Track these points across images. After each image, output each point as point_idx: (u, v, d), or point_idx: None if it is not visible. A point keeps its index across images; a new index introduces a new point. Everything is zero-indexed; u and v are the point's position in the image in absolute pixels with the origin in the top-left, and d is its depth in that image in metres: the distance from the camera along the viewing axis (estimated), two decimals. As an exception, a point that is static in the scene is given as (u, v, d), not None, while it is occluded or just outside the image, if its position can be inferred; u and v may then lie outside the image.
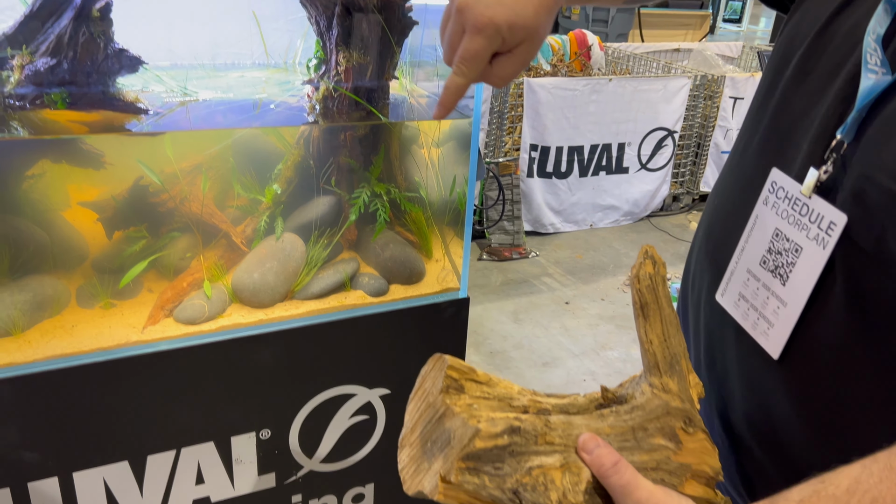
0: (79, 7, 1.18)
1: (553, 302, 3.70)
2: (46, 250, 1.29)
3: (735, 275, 0.81)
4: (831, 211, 0.68)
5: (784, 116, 0.79)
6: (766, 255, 0.77)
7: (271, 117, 1.37)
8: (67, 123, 1.24)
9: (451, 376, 0.65)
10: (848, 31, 0.73)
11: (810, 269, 0.71)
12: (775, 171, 0.77)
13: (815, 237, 0.70)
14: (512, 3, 0.76)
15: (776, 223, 0.76)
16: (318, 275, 1.45)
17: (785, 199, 0.75)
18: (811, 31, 0.78)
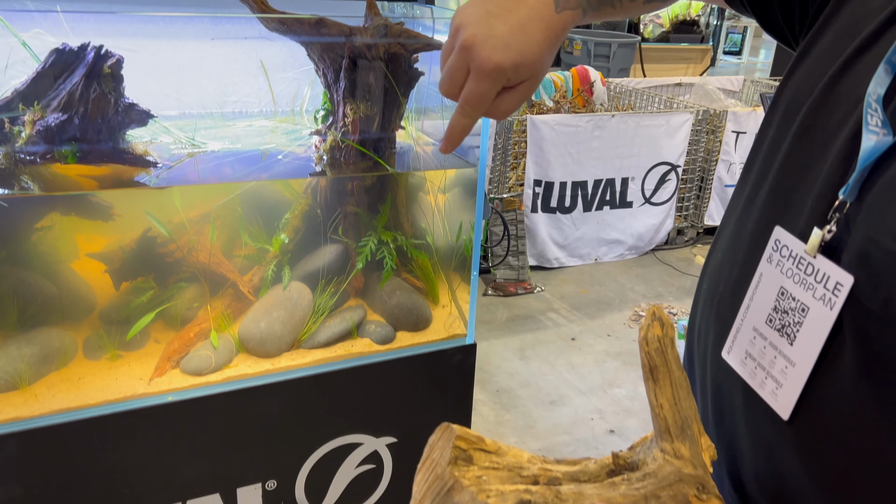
0: (90, 64, 1.19)
1: (559, 338, 3.68)
2: (54, 302, 1.29)
3: (741, 332, 0.81)
4: (837, 271, 0.68)
5: (786, 173, 0.80)
6: (772, 314, 0.77)
7: (279, 168, 1.39)
8: (77, 177, 1.25)
9: (459, 447, 0.64)
10: (850, 89, 0.74)
11: (818, 329, 0.70)
12: (778, 230, 0.77)
13: (821, 297, 0.70)
14: (517, 45, 0.75)
15: (781, 282, 0.76)
16: (325, 323, 1.45)
17: (789, 257, 0.75)
18: (815, 87, 0.78)
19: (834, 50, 0.77)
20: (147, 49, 1.39)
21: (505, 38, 0.75)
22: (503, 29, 0.75)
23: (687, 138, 4.47)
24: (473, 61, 0.75)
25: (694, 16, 6.54)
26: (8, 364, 1.23)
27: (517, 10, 0.76)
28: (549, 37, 0.78)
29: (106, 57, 1.20)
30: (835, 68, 0.76)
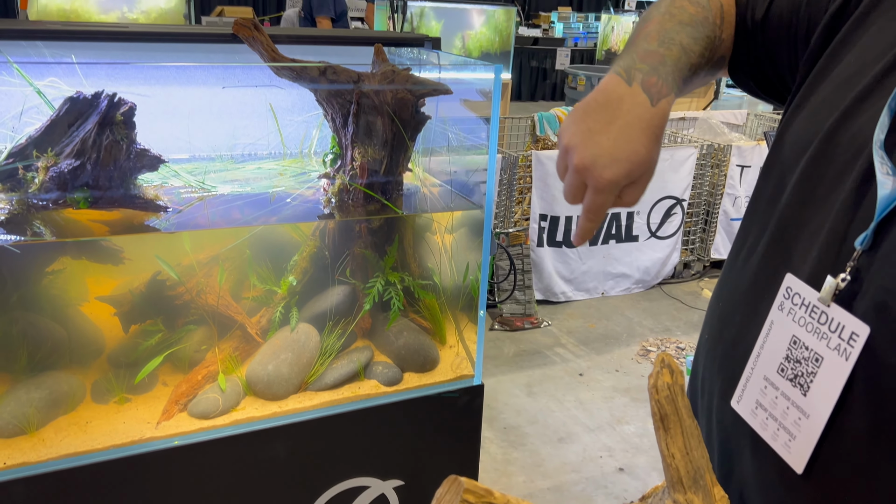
0: (103, 112, 1.22)
1: (567, 373, 3.65)
2: (63, 346, 1.30)
3: (751, 381, 0.80)
4: (853, 321, 0.67)
5: (789, 223, 0.80)
6: (783, 363, 0.76)
7: (288, 211, 1.40)
8: (88, 223, 1.27)
9: (468, 500, 0.64)
10: (851, 138, 0.74)
11: (833, 380, 0.69)
12: (790, 277, 0.76)
13: (836, 347, 0.69)
14: (625, 156, 0.77)
15: (793, 330, 0.75)
16: (332, 365, 1.45)
17: (801, 306, 0.74)
18: (815, 137, 0.79)
19: (831, 101, 0.78)
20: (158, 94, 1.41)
21: (612, 153, 0.78)
22: (608, 143, 0.78)
23: (692, 172, 4.49)
24: (589, 180, 0.78)
25: (696, 51, 6.62)
26: (17, 408, 1.23)
27: (616, 120, 0.79)
28: (651, 134, 0.80)
29: (119, 105, 1.23)
30: (833, 119, 0.77)
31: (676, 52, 0.86)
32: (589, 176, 0.78)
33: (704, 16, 0.91)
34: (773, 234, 0.82)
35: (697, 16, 0.91)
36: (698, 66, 0.88)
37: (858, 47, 0.77)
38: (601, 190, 0.78)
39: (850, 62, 0.77)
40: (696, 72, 0.88)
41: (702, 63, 0.88)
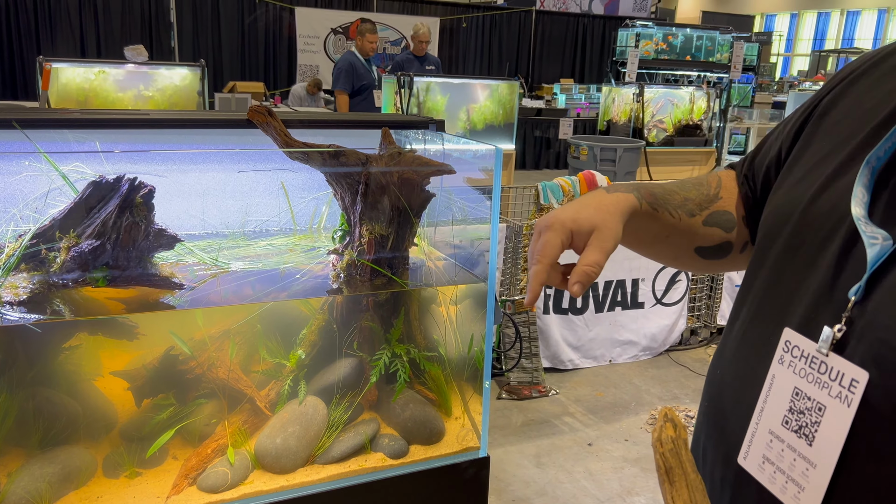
0: (124, 195, 1.29)
1: (575, 443, 3.62)
2: (77, 421, 1.33)
3: (756, 437, 0.82)
4: (852, 368, 0.70)
5: (780, 285, 0.84)
6: (787, 416, 0.78)
7: (297, 287, 1.45)
8: (105, 300, 1.32)
9: None
10: (831, 209, 0.79)
11: (837, 427, 0.71)
12: (788, 331, 0.79)
13: (837, 395, 0.72)
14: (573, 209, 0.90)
15: (795, 382, 0.78)
16: (339, 437, 1.47)
17: (801, 357, 0.77)
18: (796, 209, 0.84)
19: (808, 179, 0.84)
20: (176, 174, 1.49)
21: (565, 209, 0.90)
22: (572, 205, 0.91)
23: (695, 239, 4.55)
24: (541, 226, 0.90)
25: (696, 120, 6.78)
26: (30, 484, 1.25)
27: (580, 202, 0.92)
28: (602, 205, 0.90)
29: (139, 188, 1.30)
30: (811, 193, 0.83)
31: (652, 185, 0.99)
32: (541, 223, 0.89)
33: (699, 181, 1.03)
34: (763, 297, 0.87)
35: (692, 180, 1.04)
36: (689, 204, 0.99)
37: (826, 133, 0.85)
38: (548, 226, 0.87)
39: (821, 146, 0.85)
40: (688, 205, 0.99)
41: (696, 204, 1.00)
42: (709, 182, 1.04)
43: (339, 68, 5.88)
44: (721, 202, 1.03)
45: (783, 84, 14.89)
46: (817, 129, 0.87)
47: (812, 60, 17.93)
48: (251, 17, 10.23)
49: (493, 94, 5.73)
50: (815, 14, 22.47)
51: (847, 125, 0.83)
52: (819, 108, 0.89)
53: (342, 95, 5.83)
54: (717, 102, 6.63)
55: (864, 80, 0.86)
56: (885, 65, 0.85)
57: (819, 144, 0.85)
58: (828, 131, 0.85)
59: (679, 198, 0.99)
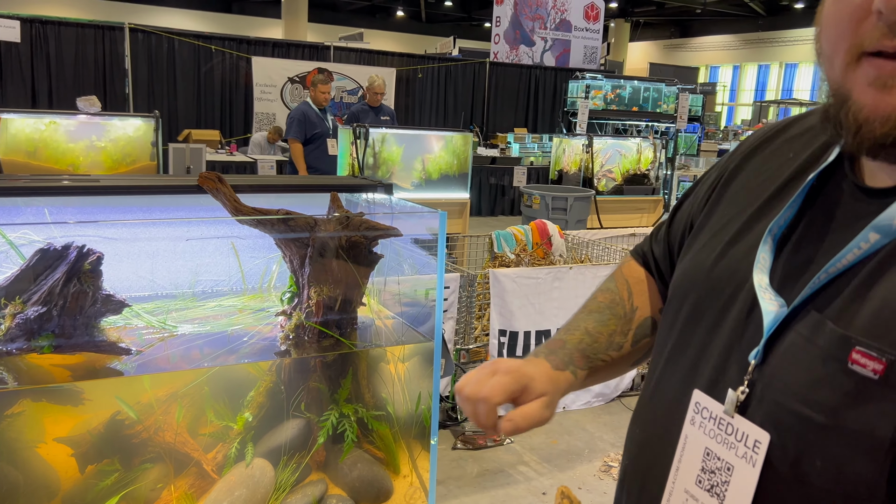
0: (72, 262, 1.30)
1: (530, 492, 3.63)
2: (18, 490, 1.31)
3: (674, 496, 0.86)
4: (755, 430, 0.74)
5: (687, 350, 0.90)
6: (700, 475, 0.82)
7: (246, 349, 1.47)
8: (50, 367, 1.32)
9: None
10: (730, 275, 0.85)
11: (744, 487, 0.75)
12: (697, 392, 0.83)
13: (743, 455, 0.76)
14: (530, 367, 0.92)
15: (705, 443, 0.82)
16: (286, 500, 1.47)
17: (710, 418, 0.82)
18: (699, 275, 0.90)
19: (710, 244, 0.91)
20: (125, 237, 1.51)
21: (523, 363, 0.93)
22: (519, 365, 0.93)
23: (643, 287, 4.67)
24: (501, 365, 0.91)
25: (644, 170, 7.01)
26: (-34, 557, 1.23)
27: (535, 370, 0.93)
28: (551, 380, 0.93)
29: (87, 255, 1.31)
30: (712, 259, 0.89)
31: (578, 336, 1.02)
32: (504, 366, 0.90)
33: (612, 298, 1.07)
34: (673, 358, 0.92)
35: (605, 301, 1.07)
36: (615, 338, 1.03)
37: (727, 203, 0.92)
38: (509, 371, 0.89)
39: (722, 215, 0.92)
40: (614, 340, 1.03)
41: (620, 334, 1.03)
42: (621, 295, 1.08)
43: (292, 117, 5.97)
44: (638, 313, 1.06)
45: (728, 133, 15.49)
46: (720, 199, 0.93)
47: (755, 110, 18.72)
48: (207, 65, 10.27)
49: (447, 145, 5.85)
50: (756, 66, 23.58)
51: (744, 196, 0.89)
52: (723, 178, 0.95)
53: (295, 144, 5.90)
54: (664, 152, 6.88)
55: (759, 154, 0.93)
56: (778, 140, 0.93)
57: (721, 213, 0.92)
58: (728, 201, 0.92)
59: (605, 338, 1.04)
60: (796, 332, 0.72)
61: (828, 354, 0.67)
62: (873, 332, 0.65)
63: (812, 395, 0.68)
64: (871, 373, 0.64)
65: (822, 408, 0.66)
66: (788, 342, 0.73)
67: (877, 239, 0.70)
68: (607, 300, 1.08)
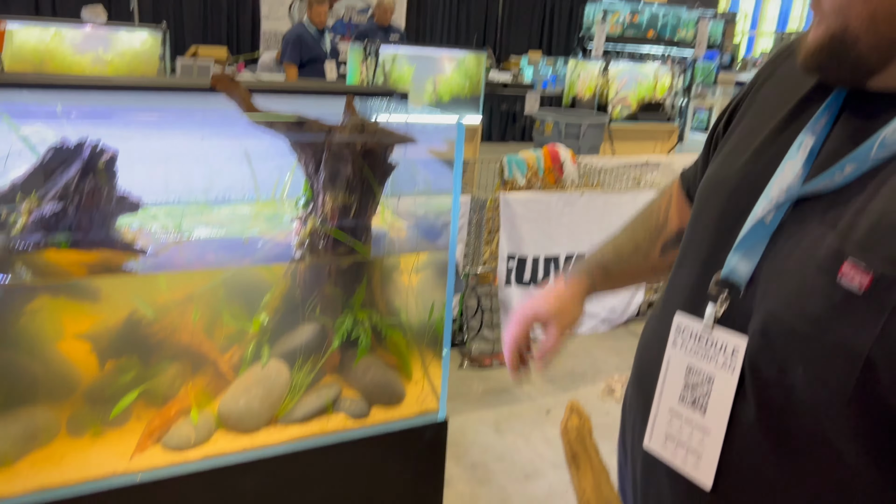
0: (86, 159, 1.29)
1: (534, 411, 3.72)
2: (39, 382, 1.34)
3: (658, 417, 0.88)
4: (732, 337, 0.77)
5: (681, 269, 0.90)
6: (683, 392, 0.85)
7: (260, 254, 1.47)
8: (68, 264, 1.32)
9: None
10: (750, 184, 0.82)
11: (724, 393, 0.78)
12: (678, 315, 0.86)
13: (723, 364, 0.79)
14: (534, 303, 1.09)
15: (687, 360, 0.84)
16: (302, 400, 1.51)
17: (690, 337, 0.84)
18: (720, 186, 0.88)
19: (734, 154, 0.89)
20: (138, 139, 1.49)
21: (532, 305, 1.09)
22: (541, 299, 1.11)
23: (654, 214, 4.65)
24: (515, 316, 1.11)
25: (659, 98, 6.87)
26: (-7, 443, 1.27)
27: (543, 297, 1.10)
28: (560, 295, 1.09)
29: (101, 153, 1.30)
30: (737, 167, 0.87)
31: (605, 251, 1.14)
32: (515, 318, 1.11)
33: (651, 209, 1.13)
34: (669, 280, 0.93)
35: (644, 212, 1.15)
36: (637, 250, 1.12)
37: (753, 115, 0.90)
38: (517, 322, 1.09)
39: (749, 122, 0.89)
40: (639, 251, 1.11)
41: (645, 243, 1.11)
42: (659, 206, 1.13)
43: (287, 40, 5.70)
44: (670, 225, 1.10)
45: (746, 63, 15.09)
46: (748, 109, 0.91)
47: (776, 40, 18.16)
48: (214, -21, 9.97)
49: (460, 66, 5.72)
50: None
51: (771, 105, 0.87)
52: (754, 87, 0.93)
53: (290, 68, 5.66)
54: (681, 79, 6.72)
55: (787, 62, 0.90)
56: None
57: (746, 124, 0.89)
58: (755, 111, 0.89)
59: (629, 249, 1.12)
60: (795, 241, 0.72)
61: (823, 266, 0.68)
62: (866, 245, 0.66)
63: (802, 305, 0.69)
64: (856, 287, 0.65)
65: (808, 318, 0.68)
66: (787, 252, 0.73)
67: (881, 153, 0.69)
68: (647, 212, 1.13)
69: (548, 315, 1.08)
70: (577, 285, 1.10)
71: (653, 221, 1.11)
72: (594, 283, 1.12)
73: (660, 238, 1.09)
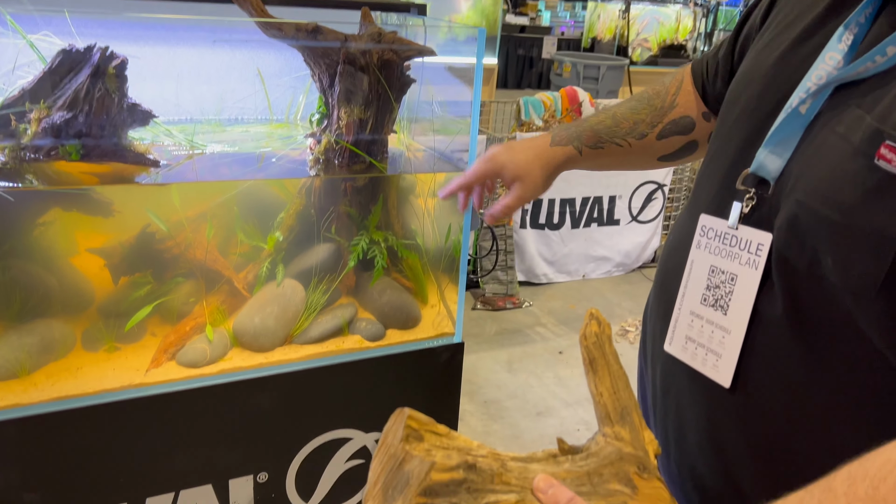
0: (96, 65, 1.25)
1: (547, 351, 3.72)
2: (54, 295, 1.33)
3: (679, 321, 0.86)
4: (757, 234, 0.74)
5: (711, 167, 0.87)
6: (705, 293, 0.83)
7: (274, 169, 1.44)
8: (80, 175, 1.30)
9: (410, 426, 0.67)
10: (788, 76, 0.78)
11: (747, 291, 0.76)
12: (703, 216, 0.84)
13: (747, 262, 0.76)
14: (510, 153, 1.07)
15: (710, 261, 0.82)
16: (317, 319, 1.49)
17: (715, 237, 0.81)
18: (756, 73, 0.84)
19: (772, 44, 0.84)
20: (148, 54, 1.44)
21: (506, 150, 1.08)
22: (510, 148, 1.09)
23: (673, 158, 4.57)
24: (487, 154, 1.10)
25: (681, 40, 6.69)
26: (9, 353, 1.27)
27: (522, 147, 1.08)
28: (539, 158, 1.06)
29: (111, 58, 1.26)
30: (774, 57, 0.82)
31: (602, 118, 1.09)
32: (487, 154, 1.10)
33: (657, 91, 1.09)
34: (697, 182, 0.90)
35: (649, 92, 1.10)
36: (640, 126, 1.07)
37: (788, 9, 0.84)
38: (487, 158, 1.09)
39: (789, 10, 0.84)
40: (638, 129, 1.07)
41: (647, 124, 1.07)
42: (667, 90, 1.08)
43: None
44: (676, 109, 1.05)
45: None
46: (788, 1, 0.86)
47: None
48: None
49: (476, 5, 5.57)
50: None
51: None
52: None
53: None
54: (704, 21, 6.53)
55: None
56: None
57: (785, 14, 0.84)
58: (796, 1, 0.84)
59: (628, 124, 1.07)
60: (831, 129, 0.69)
61: (858, 150, 0.64)
62: None
63: (833, 193, 0.66)
64: (894, 168, 0.61)
65: (840, 206, 0.65)
66: (821, 140, 0.69)
67: None
68: (652, 92, 1.08)
69: (512, 177, 1.06)
70: (557, 153, 1.07)
71: (658, 102, 1.06)
72: (579, 153, 1.08)
73: (662, 120, 1.05)
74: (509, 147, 1.09)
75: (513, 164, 1.06)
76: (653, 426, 0.94)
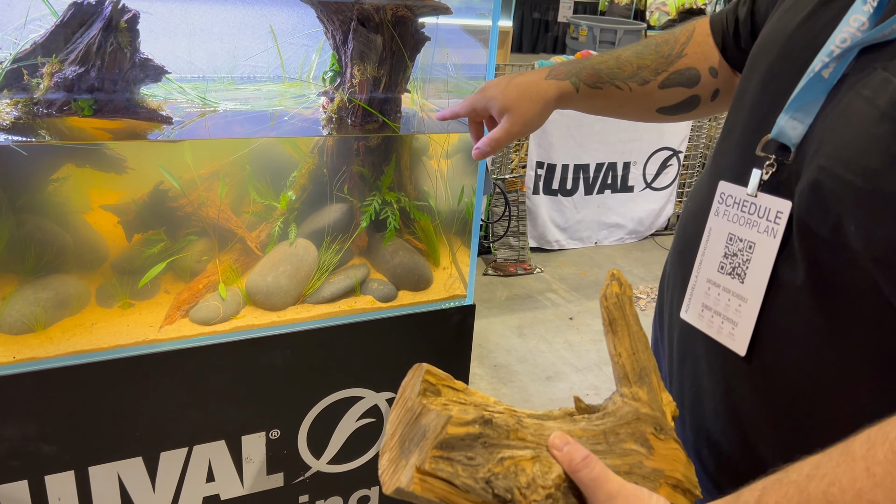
0: (107, 18, 1.24)
1: (557, 317, 3.73)
2: (68, 251, 1.34)
3: (696, 289, 0.86)
4: (776, 202, 0.73)
5: (731, 134, 0.85)
6: (722, 261, 0.82)
7: (287, 128, 1.43)
8: (92, 130, 1.29)
9: (428, 381, 0.67)
10: (811, 39, 0.76)
11: (765, 259, 0.75)
12: (722, 183, 0.83)
13: (765, 230, 0.75)
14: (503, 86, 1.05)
15: (728, 229, 0.81)
16: (330, 279, 1.49)
17: (734, 204, 0.80)
18: (780, 37, 0.82)
19: (797, 6, 0.81)
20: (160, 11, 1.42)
21: (499, 82, 1.06)
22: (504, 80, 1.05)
23: (689, 124, 4.51)
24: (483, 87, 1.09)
25: (700, 4, 6.55)
26: (25, 307, 1.28)
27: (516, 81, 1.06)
28: (532, 91, 1.03)
29: (123, 11, 1.24)
30: (798, 20, 0.80)
31: (606, 58, 1.06)
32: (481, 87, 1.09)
33: (665, 38, 1.05)
34: (716, 148, 0.88)
35: (657, 39, 1.06)
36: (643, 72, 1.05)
37: None
38: (481, 90, 1.07)
39: None
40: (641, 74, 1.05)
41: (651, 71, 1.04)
42: (677, 38, 1.05)
43: None
44: (684, 60, 1.02)
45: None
46: None
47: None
48: None
49: (491, -34, 5.46)
50: None
51: None
52: None
53: None
54: (724, -15, 6.39)
55: None
56: None
57: None
58: None
59: (631, 68, 1.04)
60: (856, 92, 0.67)
61: (885, 113, 0.63)
62: None
63: (858, 158, 0.64)
64: None
65: (865, 171, 0.63)
66: (846, 104, 0.67)
67: None
68: (660, 39, 1.06)
69: (500, 109, 1.04)
70: (550, 87, 1.04)
71: (666, 49, 1.03)
72: (575, 89, 1.05)
73: (668, 69, 1.03)
74: (503, 80, 1.07)
75: (503, 96, 1.04)
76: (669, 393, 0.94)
